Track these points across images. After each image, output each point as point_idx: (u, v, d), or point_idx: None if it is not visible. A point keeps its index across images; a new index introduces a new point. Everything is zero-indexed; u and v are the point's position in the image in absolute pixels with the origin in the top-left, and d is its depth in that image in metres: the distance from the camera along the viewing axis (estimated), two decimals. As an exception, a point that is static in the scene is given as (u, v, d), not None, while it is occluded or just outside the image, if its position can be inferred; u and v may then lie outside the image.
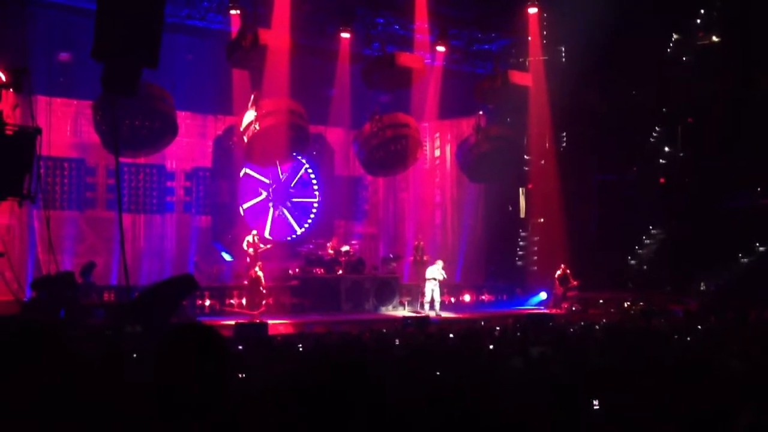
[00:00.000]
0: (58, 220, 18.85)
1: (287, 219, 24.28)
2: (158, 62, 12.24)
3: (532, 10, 21.00)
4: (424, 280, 20.41)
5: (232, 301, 18.98)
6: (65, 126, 20.31)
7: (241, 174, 23.19)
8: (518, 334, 11.34)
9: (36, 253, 18.54)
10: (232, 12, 19.13)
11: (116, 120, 15.68)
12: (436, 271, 20.07)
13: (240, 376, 6.35)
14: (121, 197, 14.97)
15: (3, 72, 14.87)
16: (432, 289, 19.99)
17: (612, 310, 20.27)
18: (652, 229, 23.52)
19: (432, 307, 19.90)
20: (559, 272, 21.62)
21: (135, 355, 7.61)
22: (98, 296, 17.48)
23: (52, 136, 18.78)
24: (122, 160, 17.03)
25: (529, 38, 21.85)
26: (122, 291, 16.35)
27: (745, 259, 21.50)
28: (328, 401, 3.34)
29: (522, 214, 25.24)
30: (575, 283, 21.42)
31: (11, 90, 13.36)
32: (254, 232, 20.95)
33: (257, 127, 19.18)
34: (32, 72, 14.10)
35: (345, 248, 21.52)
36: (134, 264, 19.06)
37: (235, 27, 18.97)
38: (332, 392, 3.40)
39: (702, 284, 21.43)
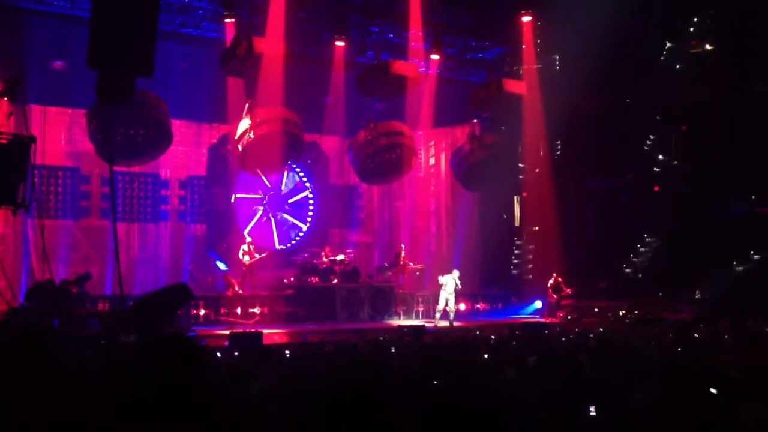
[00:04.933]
0: (53, 229, 18.82)
1: (282, 227, 24.24)
2: (152, 70, 12.24)
3: (526, 19, 21.04)
4: (435, 288, 20.24)
5: (226, 310, 18.90)
6: (60, 135, 20.26)
7: (233, 200, 23.12)
8: (513, 343, 11.31)
9: (30, 262, 18.47)
10: (227, 20, 19.13)
11: (111, 128, 15.67)
12: (451, 280, 19.70)
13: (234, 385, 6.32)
14: (116, 206, 14.94)
15: (-3, 81, 14.87)
16: (447, 299, 19.62)
17: (607, 317, 20.25)
18: (647, 237, 23.53)
19: (445, 316, 19.46)
20: (551, 281, 21.63)
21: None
22: (92, 305, 17.40)
23: (47, 144, 18.71)
24: (116, 168, 17.00)
25: (523, 46, 21.89)
26: (117, 300, 16.29)
27: (741, 267, 21.51)
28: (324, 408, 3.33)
29: (517, 222, 25.26)
30: (568, 291, 21.44)
31: (6, 98, 13.35)
32: (249, 240, 20.95)
33: (252, 136, 19.19)
34: (27, 81, 14.10)
35: (340, 257, 21.48)
36: (128, 273, 18.97)
37: (229, 35, 18.97)
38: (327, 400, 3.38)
39: (697, 292, 21.44)
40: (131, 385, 2.99)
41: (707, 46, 22.44)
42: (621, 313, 20.33)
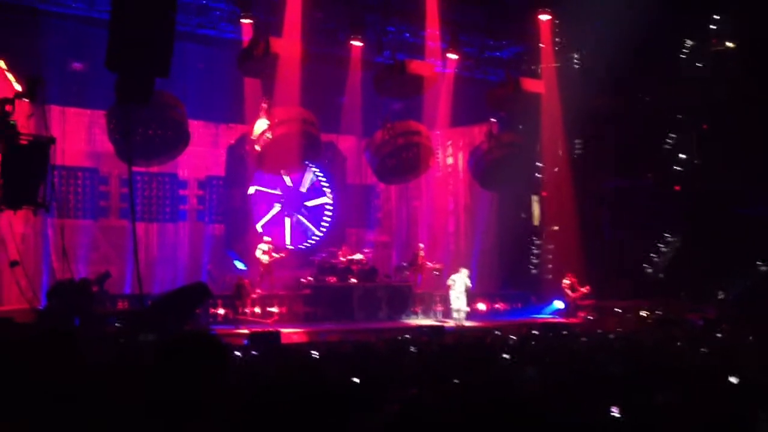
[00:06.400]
0: (72, 229, 18.96)
1: (299, 227, 24.28)
2: (170, 71, 12.29)
3: (544, 17, 20.93)
4: (446, 288, 20.24)
5: (245, 309, 18.94)
6: (79, 135, 20.38)
7: (252, 191, 23.22)
8: (534, 343, 11.25)
9: (50, 262, 18.61)
10: (244, 21, 19.16)
11: (130, 129, 15.76)
12: (460, 279, 19.82)
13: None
14: (134, 206, 15.01)
15: (18, 82, 14.98)
16: (457, 297, 19.72)
17: (629, 318, 20.09)
18: (669, 236, 23.32)
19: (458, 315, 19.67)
20: (566, 281, 21.50)
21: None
22: (112, 305, 17.51)
23: (66, 145, 18.91)
24: (135, 169, 17.08)
25: (542, 45, 21.78)
26: (136, 299, 16.39)
27: (764, 267, 21.24)
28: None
29: (536, 222, 25.10)
30: (583, 290, 21.27)
31: (26, 99, 13.44)
32: (267, 239, 20.98)
33: (269, 136, 19.23)
34: (46, 81, 14.18)
35: (357, 256, 21.50)
36: (147, 272, 19.03)
37: (246, 36, 19.00)
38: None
39: (720, 293, 21.20)
40: (154, 383, 2.98)
41: (728, 45, 22.21)
42: (642, 314, 20.15)
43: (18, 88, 14.45)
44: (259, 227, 22.63)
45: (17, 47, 16.50)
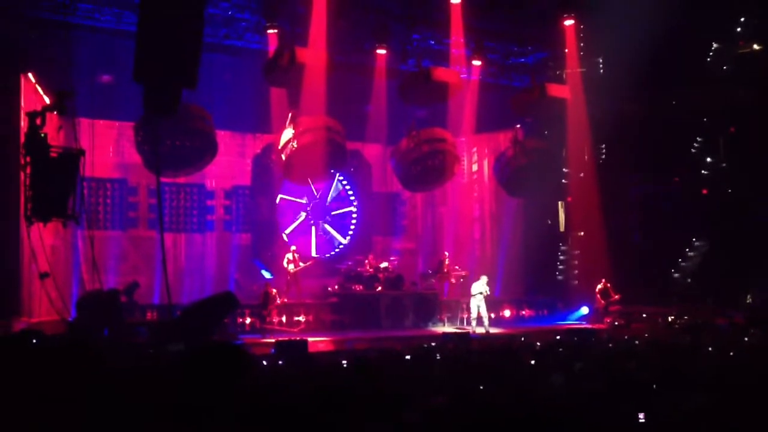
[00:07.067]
0: (102, 240, 19.20)
1: (326, 236, 24.38)
2: (197, 83, 12.42)
3: (569, 23, 20.83)
4: (470, 296, 20.18)
5: (272, 318, 19.03)
6: (108, 147, 20.69)
7: (277, 200, 23.38)
8: (560, 349, 11.19)
9: (80, 273, 18.85)
10: (270, 31, 19.30)
11: (157, 140, 15.93)
12: (480, 287, 19.77)
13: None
14: (163, 216, 15.16)
15: (47, 95, 15.23)
16: (477, 305, 19.65)
17: (656, 323, 19.91)
18: (696, 241, 23.09)
19: (480, 323, 19.59)
20: (600, 286, 21.34)
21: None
22: (141, 315, 17.69)
23: (95, 157, 19.17)
24: (163, 179, 17.24)
25: (566, 50, 21.69)
26: (165, 309, 16.53)
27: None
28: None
29: (562, 228, 24.97)
30: (617, 296, 21.11)
31: (55, 112, 13.64)
32: (293, 248, 21.09)
33: (295, 145, 19.34)
34: (76, 94, 14.39)
35: (384, 264, 21.52)
36: (176, 282, 19.20)
37: (272, 46, 19.13)
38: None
39: (748, 297, 20.93)
40: (181, 390, 3.03)
41: (755, 47, 21.99)
42: (670, 319, 19.96)
43: (47, 101, 14.70)
44: (285, 236, 22.74)
45: (47, 60, 16.77)
